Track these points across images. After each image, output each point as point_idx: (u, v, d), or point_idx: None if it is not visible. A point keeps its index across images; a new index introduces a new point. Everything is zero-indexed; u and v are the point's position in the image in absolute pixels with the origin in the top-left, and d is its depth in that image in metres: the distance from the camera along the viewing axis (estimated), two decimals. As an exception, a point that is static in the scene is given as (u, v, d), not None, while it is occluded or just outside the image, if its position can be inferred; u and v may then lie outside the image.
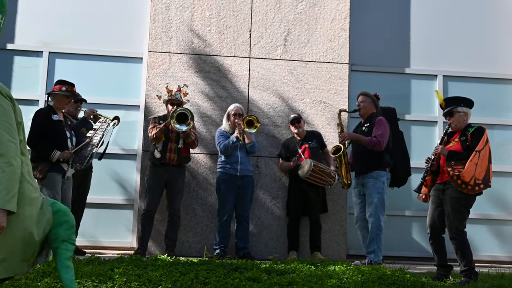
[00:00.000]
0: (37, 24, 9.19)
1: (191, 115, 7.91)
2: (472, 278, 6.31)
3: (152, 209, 8.04)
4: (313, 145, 8.50)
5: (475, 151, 6.35)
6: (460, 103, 6.70)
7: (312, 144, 8.51)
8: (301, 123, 8.59)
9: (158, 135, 8.01)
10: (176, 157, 8.07)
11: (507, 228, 9.39)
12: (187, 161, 8.28)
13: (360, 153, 7.96)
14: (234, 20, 9.09)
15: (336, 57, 9.13)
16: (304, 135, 8.60)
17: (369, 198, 7.81)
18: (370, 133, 7.89)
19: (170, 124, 7.89)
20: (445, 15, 9.80)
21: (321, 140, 8.68)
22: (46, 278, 5.38)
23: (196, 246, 8.52)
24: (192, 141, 8.14)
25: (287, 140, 8.73)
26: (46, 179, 6.89)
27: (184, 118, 7.90)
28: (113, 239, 8.82)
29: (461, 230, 6.40)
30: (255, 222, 8.60)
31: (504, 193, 9.44)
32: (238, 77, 8.96)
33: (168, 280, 5.47)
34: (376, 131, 7.88)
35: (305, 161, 8.27)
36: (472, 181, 6.31)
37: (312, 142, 8.52)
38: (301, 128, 8.58)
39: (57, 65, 9.11)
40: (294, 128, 8.59)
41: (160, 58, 8.90)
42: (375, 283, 5.73)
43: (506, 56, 9.78)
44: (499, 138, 9.66)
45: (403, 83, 9.59)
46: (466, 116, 6.69)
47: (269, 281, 5.65)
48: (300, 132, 8.57)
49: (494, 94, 9.68)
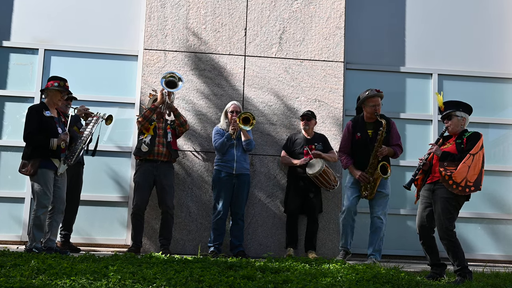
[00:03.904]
0: (33, 21, 9.17)
1: (178, 78, 8.17)
2: (466, 277, 6.32)
3: (141, 207, 8.04)
4: (318, 147, 8.48)
5: (469, 154, 6.37)
6: (459, 108, 6.71)
7: (318, 146, 8.48)
8: (311, 121, 8.52)
9: (147, 114, 8.09)
10: (165, 151, 8.09)
11: (502, 227, 9.41)
12: (176, 155, 8.30)
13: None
14: (229, 18, 9.09)
15: (331, 55, 9.14)
16: (312, 136, 8.58)
17: (382, 197, 7.85)
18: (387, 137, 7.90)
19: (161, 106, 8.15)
20: (440, 13, 9.81)
21: (327, 143, 8.65)
22: (41, 275, 5.38)
23: (191, 244, 8.52)
24: (184, 120, 8.29)
25: (293, 134, 8.70)
26: (37, 175, 6.93)
27: (173, 84, 8.12)
28: (107, 236, 8.81)
29: (451, 230, 6.41)
30: (249, 220, 8.60)
31: (499, 192, 9.45)
32: (233, 75, 8.96)
33: (163, 277, 5.47)
34: (396, 139, 7.99)
35: (317, 161, 8.27)
36: (463, 183, 6.33)
37: (318, 145, 8.50)
38: (310, 126, 8.52)
39: (53, 62, 9.09)
40: (303, 123, 8.53)
41: (156, 56, 8.89)
42: (369, 282, 5.75)
43: (501, 55, 9.79)
44: (494, 137, 9.68)
45: (398, 81, 9.59)
46: (464, 121, 6.71)
47: (264, 279, 5.66)
48: (308, 130, 8.53)
49: (489, 92, 9.69)
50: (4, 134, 8.93)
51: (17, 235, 8.68)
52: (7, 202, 8.76)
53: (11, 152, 8.81)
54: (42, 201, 6.90)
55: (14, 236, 8.67)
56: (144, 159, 8.08)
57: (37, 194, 6.92)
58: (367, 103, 7.91)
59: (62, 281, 5.19)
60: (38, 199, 6.92)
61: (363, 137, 7.94)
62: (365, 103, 7.94)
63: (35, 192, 6.96)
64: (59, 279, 5.26)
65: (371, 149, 7.86)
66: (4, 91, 8.96)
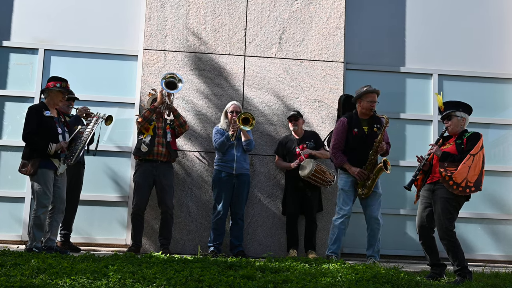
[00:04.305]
0: (33, 21, 9.17)
1: (178, 79, 8.10)
2: (466, 278, 6.32)
3: (141, 207, 8.05)
4: (310, 145, 8.48)
5: (469, 154, 6.37)
6: (459, 108, 6.71)
7: (310, 144, 8.49)
8: (299, 121, 8.55)
9: (146, 115, 8.08)
10: (164, 151, 8.10)
11: (502, 227, 9.40)
12: (175, 155, 8.30)
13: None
14: (229, 18, 9.09)
15: (331, 55, 9.14)
16: (302, 135, 8.59)
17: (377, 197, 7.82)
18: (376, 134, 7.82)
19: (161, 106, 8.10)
20: (440, 14, 9.81)
21: (319, 140, 8.65)
22: (41, 275, 5.38)
23: (191, 243, 8.52)
24: (184, 120, 8.27)
25: (284, 137, 8.71)
26: (37, 174, 6.94)
27: (173, 85, 8.07)
28: (107, 236, 8.81)
29: (451, 230, 6.40)
30: (249, 220, 8.60)
31: (499, 192, 9.45)
32: (233, 75, 8.97)
33: (163, 277, 5.47)
34: (387, 137, 7.93)
35: (307, 161, 8.24)
36: (464, 183, 6.33)
37: (310, 143, 8.50)
38: (298, 126, 8.54)
39: (53, 62, 9.09)
40: (291, 125, 8.56)
41: (155, 56, 8.89)
42: (369, 282, 5.74)
43: (501, 55, 9.79)
44: (494, 137, 9.68)
45: (398, 82, 9.58)
46: (464, 121, 6.70)
47: (263, 279, 5.65)
48: (297, 130, 8.54)
49: (489, 93, 9.68)
50: (4, 134, 8.93)
51: (17, 235, 8.68)
52: (7, 202, 8.77)
53: (11, 152, 8.81)
54: (42, 200, 6.91)
55: (15, 236, 8.68)
56: (143, 159, 8.09)
57: (37, 193, 6.93)
58: (365, 98, 7.79)
59: (62, 280, 5.20)
60: (38, 199, 6.92)
61: (360, 133, 7.82)
62: (362, 98, 7.81)
63: (35, 192, 6.97)
64: (59, 278, 5.27)
65: (369, 145, 7.82)
66: (4, 91, 8.97)
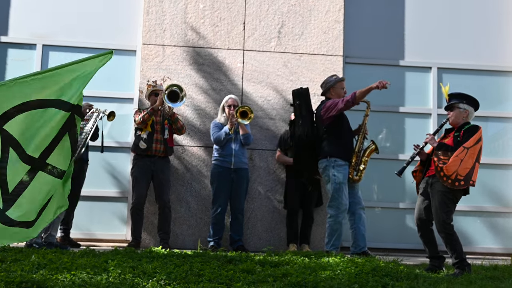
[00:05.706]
0: (31, 16, 9.16)
1: (183, 92, 7.92)
2: (465, 270, 6.33)
3: (141, 202, 8.08)
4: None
5: (462, 147, 6.35)
6: (463, 100, 6.69)
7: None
8: None
9: (145, 118, 8.05)
10: (162, 148, 8.11)
11: (500, 220, 9.41)
12: (172, 152, 8.32)
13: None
14: (228, 12, 9.08)
15: (330, 49, 9.13)
16: None
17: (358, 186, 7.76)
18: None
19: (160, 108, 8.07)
20: (439, 7, 9.78)
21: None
22: (41, 270, 5.38)
23: (190, 238, 8.53)
24: (181, 125, 8.24)
25: (286, 131, 8.68)
26: None
27: (176, 96, 7.92)
28: (107, 231, 8.82)
29: (448, 223, 6.42)
30: (249, 215, 8.61)
31: (498, 185, 9.46)
32: (232, 70, 8.96)
33: (163, 272, 5.47)
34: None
35: None
36: (453, 176, 6.31)
37: None
38: None
39: (51, 57, 9.07)
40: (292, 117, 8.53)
41: (154, 51, 8.88)
42: (368, 275, 5.75)
43: (501, 48, 9.78)
44: (494, 130, 9.68)
45: (397, 75, 9.55)
46: (466, 113, 6.66)
47: (263, 273, 5.66)
48: None
49: (489, 86, 9.67)
50: (3, 130, 8.91)
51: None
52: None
53: (10, 148, 8.79)
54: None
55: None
56: (141, 154, 8.10)
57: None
58: (338, 86, 7.79)
59: (62, 275, 5.20)
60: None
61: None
62: (335, 87, 7.78)
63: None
64: (59, 273, 5.27)
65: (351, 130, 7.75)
66: (3, 87, 8.95)
